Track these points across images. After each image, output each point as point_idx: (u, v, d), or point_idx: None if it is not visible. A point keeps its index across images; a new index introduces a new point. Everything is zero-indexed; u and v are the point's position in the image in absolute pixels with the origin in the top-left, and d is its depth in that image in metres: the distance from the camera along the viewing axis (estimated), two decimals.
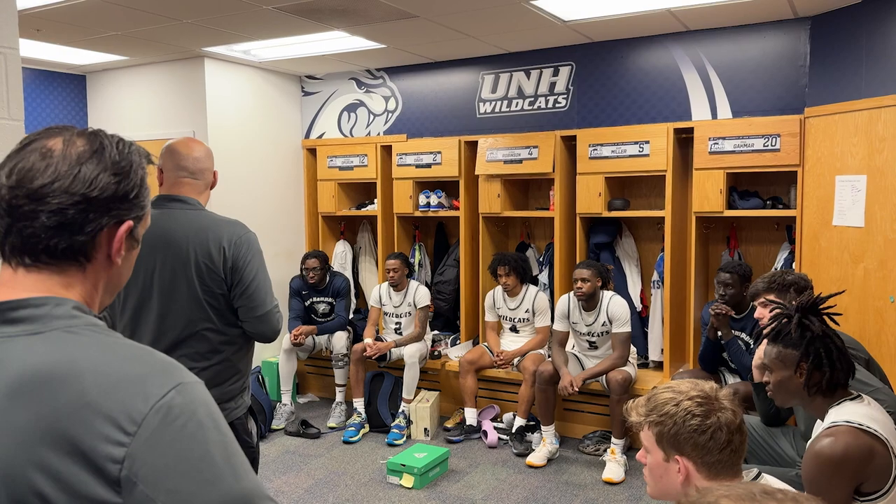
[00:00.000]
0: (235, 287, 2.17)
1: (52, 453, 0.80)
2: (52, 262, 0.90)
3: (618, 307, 4.25)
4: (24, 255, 0.90)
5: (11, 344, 0.85)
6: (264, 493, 0.89)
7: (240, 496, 0.85)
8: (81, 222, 0.89)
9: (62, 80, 5.52)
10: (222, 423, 0.89)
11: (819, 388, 1.98)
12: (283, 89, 5.71)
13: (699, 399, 1.44)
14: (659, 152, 4.40)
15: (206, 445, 0.85)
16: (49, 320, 0.87)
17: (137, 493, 0.80)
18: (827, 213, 3.86)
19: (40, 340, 0.85)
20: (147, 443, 0.81)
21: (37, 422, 0.81)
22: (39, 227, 0.88)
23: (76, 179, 0.88)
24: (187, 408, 0.85)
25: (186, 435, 0.83)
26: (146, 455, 0.81)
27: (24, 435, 0.81)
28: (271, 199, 5.60)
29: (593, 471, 4.12)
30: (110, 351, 0.87)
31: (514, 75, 5.02)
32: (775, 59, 4.23)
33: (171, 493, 0.81)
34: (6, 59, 1.89)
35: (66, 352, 0.85)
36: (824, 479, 1.82)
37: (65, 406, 0.81)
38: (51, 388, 0.82)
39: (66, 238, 0.89)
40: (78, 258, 0.91)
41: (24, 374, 0.83)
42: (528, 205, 5.26)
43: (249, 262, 2.20)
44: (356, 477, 4.09)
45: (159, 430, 0.82)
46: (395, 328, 5.06)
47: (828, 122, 3.86)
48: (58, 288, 0.91)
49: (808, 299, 2.10)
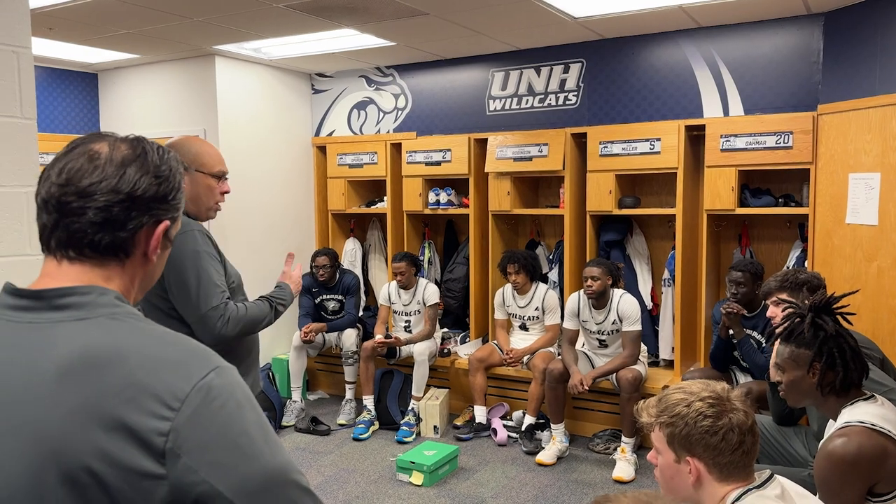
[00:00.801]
0: (168, 288, 2.08)
1: (101, 430, 0.85)
2: (94, 255, 0.97)
3: (628, 305, 4.23)
4: (68, 248, 0.96)
5: (60, 328, 0.91)
6: (296, 467, 0.95)
7: (275, 470, 0.91)
8: (124, 220, 0.96)
9: (74, 79, 5.55)
10: (256, 403, 0.95)
11: (832, 388, 1.97)
12: (294, 87, 5.71)
13: (711, 400, 1.43)
14: (670, 150, 4.38)
15: (244, 423, 0.91)
16: (94, 307, 0.93)
17: (181, 465, 0.86)
18: (840, 210, 3.83)
19: (87, 325, 0.92)
20: (190, 418, 0.87)
21: (85, 401, 0.86)
22: (86, 223, 0.95)
23: (122, 180, 0.96)
24: (226, 389, 0.91)
25: (226, 412, 0.90)
26: (189, 430, 0.87)
27: (73, 414, 0.86)
28: (281, 196, 5.61)
29: (603, 469, 4.11)
30: (152, 336, 0.94)
31: (525, 72, 5.01)
32: (788, 55, 4.19)
33: (212, 465, 0.87)
34: (19, 58, 1.90)
35: (111, 336, 0.91)
36: (837, 479, 1.80)
37: (112, 385, 0.87)
38: (98, 369, 0.87)
39: (109, 234, 0.96)
40: (118, 253, 0.98)
41: (74, 356, 0.88)
42: (538, 202, 5.25)
43: (176, 260, 2.04)
44: (366, 474, 4.10)
45: (201, 407, 0.88)
46: (405, 326, 5.06)
47: (841, 120, 3.83)
48: (99, 280, 0.97)
49: (821, 298, 2.08)
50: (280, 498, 0.91)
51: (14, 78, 1.90)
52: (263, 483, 0.90)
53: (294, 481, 0.93)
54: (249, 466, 0.90)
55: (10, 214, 1.89)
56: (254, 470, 0.90)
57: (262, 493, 0.90)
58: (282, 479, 0.92)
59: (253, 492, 0.89)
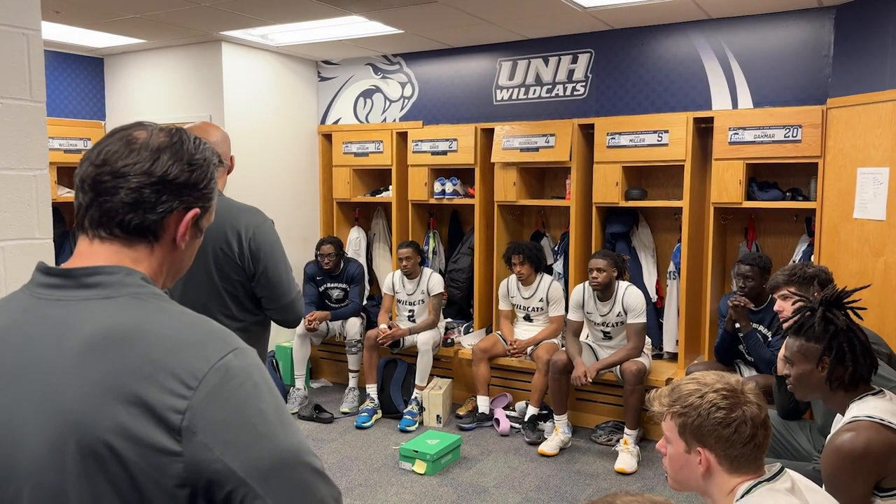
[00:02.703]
0: (257, 278, 2.16)
1: (120, 405, 0.87)
2: (124, 236, 1.00)
3: (633, 298, 4.23)
4: (100, 227, 1.00)
5: (86, 305, 0.94)
6: (311, 449, 0.96)
7: (289, 451, 0.93)
8: (154, 202, 1.00)
9: (80, 63, 5.53)
10: (273, 386, 0.97)
11: (841, 383, 1.96)
12: (300, 74, 5.69)
13: (725, 392, 1.43)
14: (678, 142, 4.36)
15: (260, 404, 0.92)
16: (120, 287, 0.96)
17: (196, 442, 0.87)
18: (848, 205, 3.81)
19: (112, 304, 0.94)
20: (207, 397, 0.89)
21: (106, 376, 0.88)
22: (118, 203, 0.98)
23: (156, 163, 0.99)
24: (244, 370, 0.93)
25: (243, 393, 0.91)
26: (206, 408, 0.88)
27: (94, 388, 0.88)
28: (286, 184, 5.60)
29: (605, 461, 4.12)
30: (174, 317, 0.96)
31: (532, 62, 4.98)
32: (798, 48, 4.16)
33: (227, 444, 0.88)
34: (28, 40, 1.89)
35: (135, 315, 0.94)
36: (844, 473, 1.80)
37: (132, 363, 0.89)
38: (120, 346, 0.90)
39: (139, 215, 0.99)
40: (147, 236, 1.01)
41: (97, 333, 0.91)
42: (544, 193, 5.23)
43: (269, 252, 2.18)
44: (368, 462, 4.11)
45: (218, 387, 0.90)
46: (409, 315, 5.06)
47: (851, 114, 3.81)
48: (128, 261, 1.00)
49: (832, 292, 2.07)
50: (293, 479, 0.92)
51: (24, 60, 1.88)
52: (276, 463, 0.91)
53: (307, 463, 0.94)
54: (263, 446, 0.91)
55: (20, 197, 1.88)
56: (267, 450, 0.91)
57: (275, 474, 0.91)
58: (295, 461, 0.93)
59: (266, 471, 0.90)
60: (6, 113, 1.85)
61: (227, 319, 2.16)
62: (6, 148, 1.85)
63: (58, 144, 5.22)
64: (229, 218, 2.14)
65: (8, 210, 1.86)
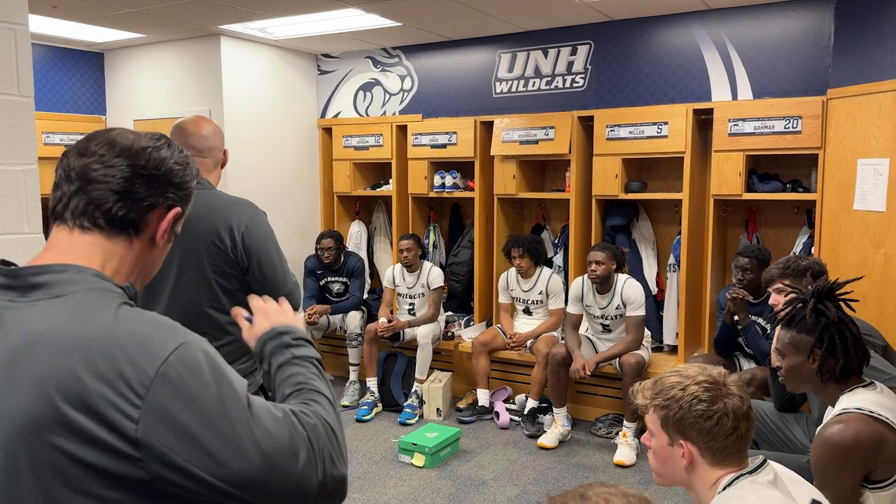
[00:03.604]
0: (251, 271, 2.15)
1: (73, 410, 0.87)
2: (106, 228, 1.02)
3: (632, 290, 4.21)
4: (83, 217, 1.01)
5: (34, 307, 0.94)
6: (273, 433, 0.95)
7: (249, 439, 0.93)
8: (143, 195, 1.03)
9: (81, 58, 5.54)
10: (228, 373, 0.97)
11: (832, 375, 1.95)
12: (300, 68, 5.69)
13: (706, 384, 1.42)
14: (677, 133, 4.34)
15: (211, 400, 0.92)
16: (69, 284, 0.96)
17: (153, 446, 0.88)
18: (848, 196, 3.78)
19: (61, 303, 0.94)
20: (157, 402, 0.89)
21: (56, 379, 0.88)
22: (106, 191, 1.01)
23: (146, 157, 1.03)
24: (187, 368, 0.92)
25: (187, 393, 0.91)
26: (155, 414, 0.88)
27: (45, 392, 0.88)
28: (287, 178, 5.60)
29: (604, 453, 4.11)
30: (121, 315, 0.95)
31: (532, 54, 4.96)
32: (798, 38, 4.13)
33: (185, 446, 0.90)
34: (16, 34, 1.89)
35: (81, 315, 0.93)
36: (833, 466, 1.79)
37: (81, 364, 0.88)
38: (69, 348, 0.89)
39: (126, 205, 1.01)
40: (128, 229, 1.03)
41: (42, 335, 0.91)
42: (544, 186, 5.22)
43: (263, 244, 2.16)
44: (368, 455, 4.12)
45: (166, 388, 0.89)
46: (409, 309, 5.06)
47: (851, 104, 3.77)
48: (102, 254, 1.01)
49: (824, 284, 2.06)
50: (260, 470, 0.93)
51: (11, 55, 1.89)
52: (227, 451, 0.92)
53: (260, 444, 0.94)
54: (221, 445, 0.91)
55: (8, 192, 1.89)
56: (228, 441, 0.92)
57: (227, 457, 0.91)
58: (253, 446, 0.93)
59: (221, 459, 0.91)
60: None
61: (218, 314, 2.16)
62: None
63: (58, 139, 5.24)
64: (221, 211, 2.13)
65: None
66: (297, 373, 1.12)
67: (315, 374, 1.12)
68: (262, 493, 0.93)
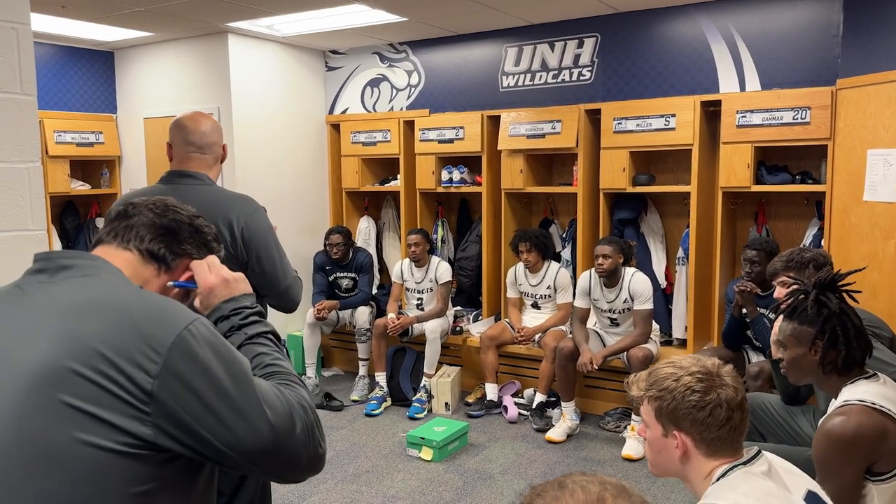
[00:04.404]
0: (251, 266, 2.15)
1: (100, 362, 0.98)
2: (145, 254, 1.19)
3: (639, 284, 4.20)
4: (129, 240, 1.19)
5: (65, 283, 1.08)
6: (275, 406, 1.07)
7: (251, 401, 1.04)
8: (181, 240, 1.23)
9: (91, 57, 5.59)
10: (235, 350, 1.10)
11: (834, 367, 1.94)
12: (307, 64, 5.70)
13: (700, 375, 1.42)
14: (685, 126, 4.31)
15: (223, 370, 1.03)
16: (97, 269, 1.11)
17: (166, 403, 0.99)
18: (858, 188, 3.75)
19: (90, 281, 1.09)
20: (172, 365, 1.00)
21: (83, 339, 0.99)
22: (152, 227, 1.20)
23: (196, 222, 1.27)
24: (202, 339, 1.04)
25: (202, 359, 1.03)
26: (171, 374, 0.99)
27: (73, 348, 0.99)
28: (295, 174, 5.63)
29: (613, 447, 4.11)
30: (143, 294, 1.11)
31: (538, 48, 4.95)
32: (807, 28, 4.09)
33: (196, 407, 1.00)
34: (18, 34, 1.91)
35: (111, 289, 1.09)
36: (835, 458, 1.78)
37: (108, 326, 1.00)
38: (99, 313, 1.02)
39: (165, 244, 1.21)
40: (160, 264, 1.20)
41: (77, 302, 1.04)
42: (552, 180, 5.20)
43: (262, 239, 2.16)
44: (377, 449, 4.14)
45: (181, 355, 1.01)
46: (417, 304, 5.08)
47: (860, 94, 3.73)
48: (129, 269, 1.16)
49: (826, 275, 2.04)
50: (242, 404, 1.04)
51: (13, 54, 1.91)
52: (238, 414, 1.03)
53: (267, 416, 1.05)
54: (225, 402, 1.02)
55: (12, 189, 1.91)
56: (233, 404, 1.02)
57: (239, 419, 1.02)
58: (258, 410, 1.04)
59: (230, 420, 1.02)
60: None
61: None
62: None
63: (70, 138, 5.29)
64: (220, 207, 2.13)
65: (1, 202, 1.89)
66: (260, 353, 1.20)
67: (277, 352, 1.22)
68: (262, 462, 1.04)
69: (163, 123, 5.36)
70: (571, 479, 0.88)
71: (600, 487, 0.84)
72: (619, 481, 0.89)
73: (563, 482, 0.88)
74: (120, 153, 5.71)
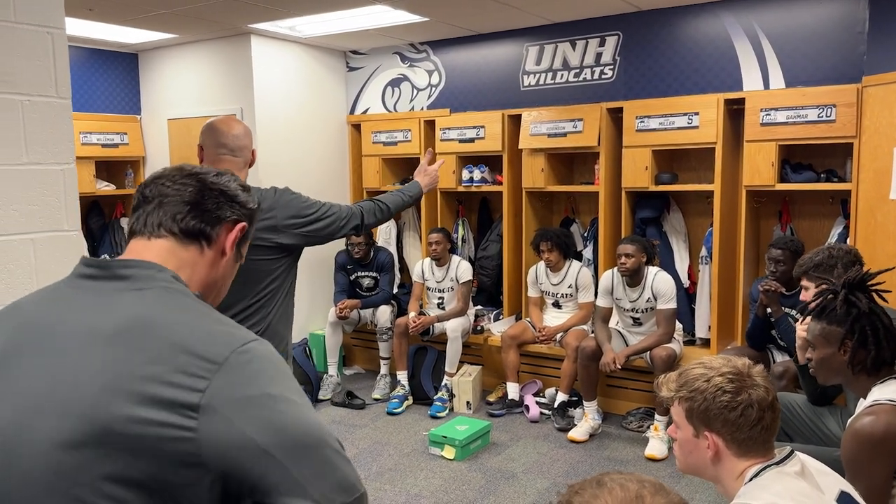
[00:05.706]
0: (317, 237, 2.37)
1: (146, 384, 0.94)
2: (180, 235, 1.13)
3: (662, 283, 4.18)
4: (160, 227, 1.13)
5: (118, 296, 1.04)
6: (332, 433, 1.03)
7: (313, 427, 1.00)
8: (211, 208, 1.15)
9: (115, 59, 5.66)
10: (292, 375, 1.07)
11: (863, 367, 1.93)
12: (329, 65, 5.74)
13: (731, 375, 1.42)
14: (708, 124, 4.29)
15: (283, 384, 1.01)
16: (151, 280, 1.06)
17: (216, 419, 0.94)
18: (884, 186, 3.70)
19: (143, 295, 1.04)
20: (229, 376, 0.96)
21: (127, 362, 0.96)
22: (180, 202, 1.13)
23: (214, 180, 1.18)
24: (265, 355, 1.02)
25: (266, 375, 1.00)
26: (227, 386, 0.95)
27: (115, 373, 0.95)
28: (317, 174, 5.66)
29: (636, 447, 4.10)
30: (199, 311, 1.06)
31: (560, 46, 4.94)
32: (831, 25, 4.05)
33: (249, 418, 0.95)
34: (53, 38, 1.95)
35: (164, 306, 1.04)
36: (864, 458, 1.77)
37: (156, 346, 0.97)
38: (149, 332, 0.99)
39: (197, 216, 1.14)
40: (200, 239, 1.15)
41: (129, 320, 1.00)
42: (573, 179, 5.19)
43: (303, 219, 2.33)
44: (399, 447, 4.16)
45: (241, 367, 0.98)
46: (438, 303, 5.09)
47: (887, 91, 3.69)
48: (173, 259, 1.11)
49: (855, 275, 2.03)
50: (316, 454, 0.98)
51: (49, 58, 1.95)
52: (301, 437, 0.98)
53: (330, 442, 1.00)
54: (287, 421, 0.98)
55: (48, 191, 1.95)
56: (291, 425, 0.98)
57: (299, 447, 0.97)
58: (318, 438, 0.99)
59: (290, 444, 0.96)
60: (33, 110, 1.92)
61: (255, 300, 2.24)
62: (34, 143, 1.92)
63: (95, 139, 5.37)
64: None
65: (37, 203, 1.93)
66: None
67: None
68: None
69: (186, 124, 5.44)
70: (609, 478, 0.89)
71: (638, 485, 0.85)
72: (655, 479, 0.90)
73: (602, 480, 0.89)
74: (144, 154, 5.78)
